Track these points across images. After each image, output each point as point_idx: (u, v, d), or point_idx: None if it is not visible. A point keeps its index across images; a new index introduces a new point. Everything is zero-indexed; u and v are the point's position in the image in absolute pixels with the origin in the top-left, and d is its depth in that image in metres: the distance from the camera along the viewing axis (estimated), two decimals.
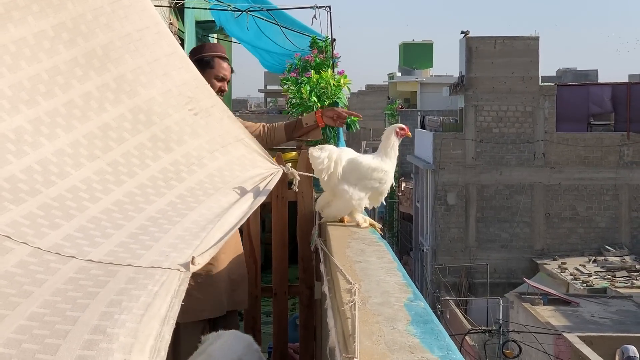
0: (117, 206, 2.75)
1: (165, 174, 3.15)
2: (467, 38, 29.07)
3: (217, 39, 13.65)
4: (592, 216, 28.54)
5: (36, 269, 2.15)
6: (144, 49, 3.47)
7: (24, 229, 2.31)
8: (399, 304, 2.59)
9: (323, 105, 5.75)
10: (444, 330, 2.30)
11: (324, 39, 7.86)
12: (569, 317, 20.14)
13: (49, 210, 2.48)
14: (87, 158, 2.87)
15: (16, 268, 2.11)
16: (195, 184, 3.24)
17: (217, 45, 4.63)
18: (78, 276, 2.16)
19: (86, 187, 2.72)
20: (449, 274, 27.81)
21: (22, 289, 2.01)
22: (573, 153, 28.42)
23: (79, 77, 3.07)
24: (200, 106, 3.68)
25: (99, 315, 1.88)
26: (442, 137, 28.84)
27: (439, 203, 28.53)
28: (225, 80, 4.45)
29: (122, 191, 2.86)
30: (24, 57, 2.86)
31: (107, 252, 2.36)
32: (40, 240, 2.29)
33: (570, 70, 39.42)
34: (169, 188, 3.07)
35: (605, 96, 28.81)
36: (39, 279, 2.10)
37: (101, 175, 2.84)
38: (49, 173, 2.63)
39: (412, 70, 46.86)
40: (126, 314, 1.89)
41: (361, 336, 2.18)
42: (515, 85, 28.50)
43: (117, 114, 3.17)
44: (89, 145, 2.92)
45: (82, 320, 1.85)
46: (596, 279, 24.31)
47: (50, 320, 1.86)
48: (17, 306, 1.92)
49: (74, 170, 2.75)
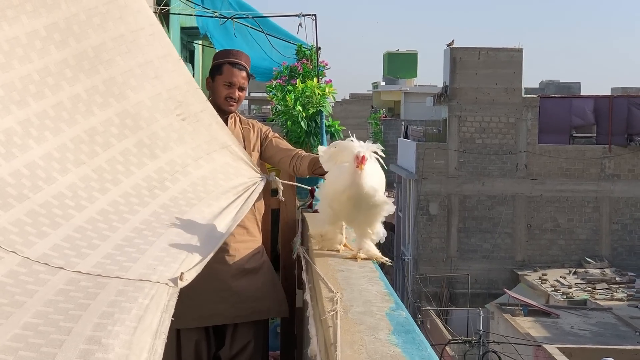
0: (101, 215, 2.74)
1: (149, 182, 3.14)
2: (451, 48, 29.18)
3: (202, 45, 13.65)
4: (573, 228, 28.67)
5: (26, 279, 2.15)
6: (136, 50, 3.44)
7: (12, 236, 2.31)
8: (381, 313, 2.59)
9: (307, 114, 5.75)
10: (425, 340, 2.31)
11: (309, 47, 7.87)
12: (548, 329, 20.20)
13: (36, 217, 2.47)
14: (73, 163, 2.86)
15: (6, 278, 2.11)
16: (178, 193, 3.23)
17: (231, 51, 4.45)
18: (68, 287, 2.16)
19: (72, 194, 2.72)
20: (430, 284, 27.84)
21: (14, 299, 2.02)
22: (555, 165, 28.55)
23: (68, 79, 3.06)
24: (190, 111, 3.66)
25: (92, 326, 1.89)
26: (425, 147, 28.90)
27: (421, 213, 28.57)
28: (235, 87, 4.26)
29: (106, 200, 2.85)
30: (16, 56, 2.86)
31: (95, 264, 2.36)
32: (29, 250, 2.29)
33: (553, 82, 39.70)
34: (153, 197, 3.06)
35: (588, 109, 28.98)
36: (29, 289, 2.10)
37: (86, 182, 2.84)
38: (36, 178, 2.62)
39: (396, 80, 46.96)
40: (119, 325, 1.91)
41: (343, 345, 2.18)
42: (498, 96, 28.62)
43: (105, 117, 3.16)
44: (76, 149, 2.92)
45: (76, 331, 1.87)
46: (576, 291, 24.41)
47: (45, 330, 1.88)
48: (11, 315, 1.93)
49: (60, 175, 2.75)
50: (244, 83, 4.31)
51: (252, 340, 4.24)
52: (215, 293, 4.05)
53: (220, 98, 4.22)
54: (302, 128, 5.72)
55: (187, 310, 3.87)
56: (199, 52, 13.93)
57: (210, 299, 4.04)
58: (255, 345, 4.25)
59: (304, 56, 7.59)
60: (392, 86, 46.48)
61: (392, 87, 46.38)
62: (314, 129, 5.82)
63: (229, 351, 4.23)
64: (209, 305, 4.07)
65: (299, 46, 7.88)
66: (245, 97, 4.54)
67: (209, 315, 4.11)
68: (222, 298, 4.10)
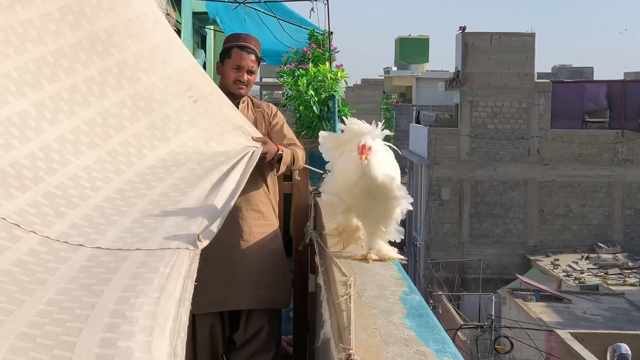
0: (118, 194, 2.77)
1: (164, 163, 3.16)
2: (463, 33, 29.03)
3: (214, 30, 13.63)
4: (586, 213, 28.58)
5: (47, 257, 2.18)
6: (145, 34, 3.49)
7: (30, 217, 2.34)
8: (394, 297, 2.59)
9: (320, 99, 5.74)
10: (439, 324, 2.31)
11: (322, 32, 7.85)
12: (560, 314, 20.18)
13: (53, 198, 2.50)
14: (87, 146, 2.89)
15: (28, 256, 2.15)
16: (196, 164, 3.25)
17: (240, 35, 4.44)
18: (89, 264, 2.19)
19: (87, 175, 2.76)
20: (441, 269, 27.82)
21: (36, 277, 2.05)
22: (567, 150, 28.44)
23: (82, 61, 3.09)
24: (200, 93, 3.68)
25: (115, 300, 1.91)
26: (436, 132, 28.83)
27: (432, 198, 28.54)
28: (244, 70, 4.24)
29: (122, 180, 2.88)
30: (30, 39, 2.89)
31: (114, 239, 2.39)
32: (48, 229, 2.32)
33: (566, 67, 39.48)
34: (169, 173, 3.10)
35: (601, 93, 28.80)
36: (51, 267, 2.13)
37: (101, 165, 2.87)
38: (50, 160, 2.65)
39: (408, 65, 46.79)
40: (142, 297, 1.93)
41: (356, 329, 2.18)
42: (510, 81, 28.49)
43: (118, 100, 3.20)
44: (89, 132, 2.95)
45: (99, 305, 1.88)
46: (588, 276, 24.35)
47: (69, 306, 1.90)
48: (34, 292, 1.96)
49: (74, 158, 2.78)
50: (252, 66, 4.30)
51: (266, 324, 4.24)
52: (229, 278, 4.06)
53: (229, 81, 4.21)
54: (315, 112, 5.72)
55: (202, 295, 3.88)
56: (211, 37, 13.89)
57: (224, 284, 4.05)
58: (269, 330, 4.26)
59: (316, 41, 7.58)
60: (404, 71, 46.31)
61: (404, 72, 46.21)
62: (326, 113, 5.81)
63: (243, 335, 4.24)
64: (224, 290, 4.07)
65: (311, 31, 7.86)
66: (256, 82, 4.53)
67: (224, 300, 4.12)
68: (236, 283, 4.11)
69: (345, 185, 3.12)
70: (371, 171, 2.98)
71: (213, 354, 4.25)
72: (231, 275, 4.06)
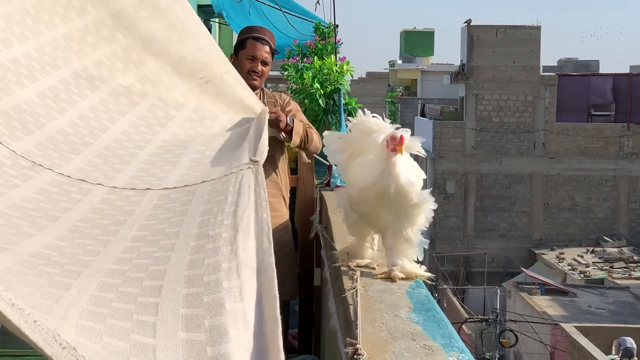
0: (178, 134, 3.12)
1: (201, 114, 3.44)
2: (468, 26, 28.98)
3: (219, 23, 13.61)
4: (591, 207, 28.53)
5: (120, 203, 2.32)
6: (156, 15, 3.51)
7: (92, 173, 2.49)
8: (401, 291, 2.59)
9: (325, 92, 5.72)
10: (446, 318, 2.30)
11: (327, 25, 7.83)
12: (566, 308, 20.18)
13: (114, 150, 2.75)
14: (109, 121, 3.03)
15: (101, 205, 2.28)
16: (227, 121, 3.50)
17: (255, 27, 4.54)
18: (162, 202, 2.32)
19: (135, 130, 3.01)
20: (446, 263, 27.82)
21: (115, 219, 2.17)
22: (573, 143, 28.39)
23: (90, 45, 3.20)
24: (215, 72, 3.69)
25: (197, 225, 2.01)
26: (442, 126, 28.80)
27: (437, 191, 28.49)
28: (258, 60, 4.29)
29: (181, 116, 3.26)
30: (57, 14, 3.04)
31: (179, 178, 2.54)
32: (112, 181, 2.48)
33: (572, 60, 39.33)
34: (212, 119, 3.43)
35: (606, 87, 28.75)
36: (126, 210, 2.26)
37: (136, 128, 3.07)
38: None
39: (413, 58, 46.70)
40: (220, 215, 2.01)
41: (363, 323, 2.18)
42: (516, 74, 28.44)
43: (127, 83, 3.29)
44: (105, 109, 3.07)
45: (183, 232, 1.97)
46: (594, 270, 24.34)
47: (153, 239, 1.99)
48: (117, 232, 2.06)
49: (111, 124, 2.98)
50: (267, 57, 4.33)
51: None
52: None
53: (243, 72, 4.21)
54: (320, 106, 5.71)
55: None
56: (215, 30, 13.88)
57: None
58: None
59: (322, 34, 7.56)
60: (409, 64, 46.23)
61: (409, 65, 46.13)
62: (331, 106, 5.80)
63: None
64: None
65: (316, 24, 7.84)
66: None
67: None
68: None
69: (359, 191, 2.74)
70: (394, 169, 2.64)
71: None
72: None
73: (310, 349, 4.66)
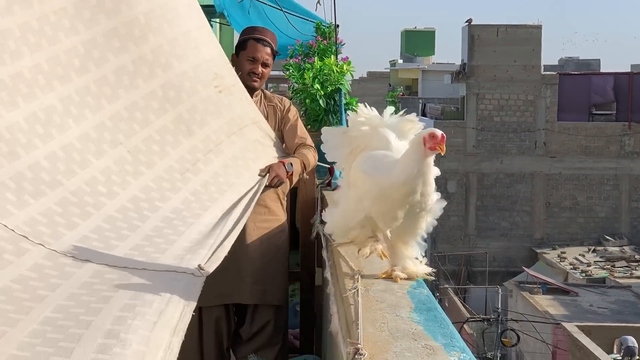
0: (132, 203, 2.72)
1: (182, 165, 3.11)
2: (469, 26, 28.97)
3: (219, 23, 13.60)
4: (592, 206, 28.52)
5: (51, 272, 2.14)
6: (178, 19, 3.42)
7: (41, 227, 2.30)
8: (402, 291, 2.59)
9: (326, 92, 5.72)
10: (447, 318, 2.30)
11: (328, 24, 7.82)
12: (567, 307, 20.16)
13: (66, 206, 2.46)
14: (109, 144, 2.84)
15: (30, 272, 2.11)
16: (209, 177, 3.19)
17: (257, 28, 4.49)
18: (93, 280, 2.15)
19: (105, 179, 2.71)
20: (448, 262, 27.81)
21: (36, 294, 2.02)
22: (574, 142, 28.37)
23: (115, 50, 3.02)
24: (225, 83, 3.66)
25: (112, 320, 1.88)
26: (443, 125, 28.73)
27: (439, 191, 28.44)
28: (258, 62, 4.25)
29: (138, 185, 2.83)
30: (62, 28, 2.82)
31: (123, 255, 2.35)
32: (57, 242, 2.29)
33: (573, 59, 39.29)
34: (185, 182, 3.03)
35: (608, 86, 28.73)
36: (52, 283, 2.10)
37: (121, 165, 2.82)
38: (71, 161, 2.61)
39: (414, 58, 46.67)
40: (139, 319, 1.89)
41: (364, 323, 2.18)
42: (517, 73, 28.42)
43: (149, 90, 3.10)
44: (113, 128, 2.88)
45: (95, 325, 1.85)
46: (595, 269, 24.33)
47: (64, 325, 1.87)
48: (31, 311, 1.92)
49: (95, 158, 2.73)
50: (267, 59, 4.30)
51: (272, 319, 4.23)
52: (235, 272, 4.05)
53: (244, 73, 4.20)
54: (321, 106, 5.70)
55: (209, 288, 3.87)
56: (216, 30, 13.87)
57: (230, 277, 4.03)
58: (275, 324, 4.25)
59: (323, 34, 7.54)
60: (410, 64, 46.20)
61: (410, 64, 46.10)
62: (332, 106, 5.79)
63: (249, 329, 4.23)
64: (229, 284, 4.07)
65: (317, 24, 7.82)
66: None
67: (229, 293, 4.11)
68: (240, 277, 4.10)
69: (381, 189, 2.61)
70: (428, 170, 2.57)
71: (218, 346, 4.24)
72: (236, 269, 4.05)
73: (312, 349, 4.65)
